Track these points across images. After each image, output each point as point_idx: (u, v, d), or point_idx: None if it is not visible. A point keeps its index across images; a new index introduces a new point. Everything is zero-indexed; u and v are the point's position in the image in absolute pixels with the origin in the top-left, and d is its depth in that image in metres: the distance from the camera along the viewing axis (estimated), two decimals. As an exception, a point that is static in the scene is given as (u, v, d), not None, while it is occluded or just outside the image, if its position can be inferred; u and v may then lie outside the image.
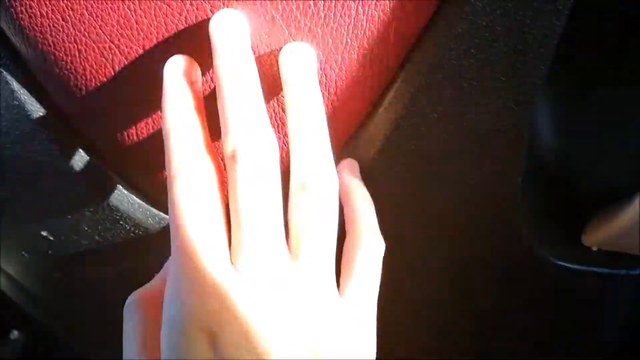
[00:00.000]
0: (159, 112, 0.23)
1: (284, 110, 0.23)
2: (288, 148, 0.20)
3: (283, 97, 0.22)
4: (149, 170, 0.25)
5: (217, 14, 0.20)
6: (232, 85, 0.19)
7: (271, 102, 0.23)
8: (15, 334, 0.43)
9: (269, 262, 0.18)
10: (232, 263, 0.19)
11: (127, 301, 0.22)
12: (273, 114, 0.23)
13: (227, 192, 0.19)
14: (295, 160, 0.20)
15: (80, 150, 0.24)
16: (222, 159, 0.20)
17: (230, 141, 0.19)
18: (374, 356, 0.20)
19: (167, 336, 0.18)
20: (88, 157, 0.24)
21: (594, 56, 0.26)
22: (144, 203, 0.26)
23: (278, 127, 0.23)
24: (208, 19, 0.21)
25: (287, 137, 0.20)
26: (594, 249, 0.30)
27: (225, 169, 0.19)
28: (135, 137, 0.23)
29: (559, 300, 0.31)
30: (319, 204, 0.19)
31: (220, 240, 0.19)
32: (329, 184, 0.19)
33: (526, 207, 0.28)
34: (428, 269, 0.28)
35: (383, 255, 0.22)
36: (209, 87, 0.22)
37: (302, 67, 0.21)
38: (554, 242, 0.29)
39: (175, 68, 0.20)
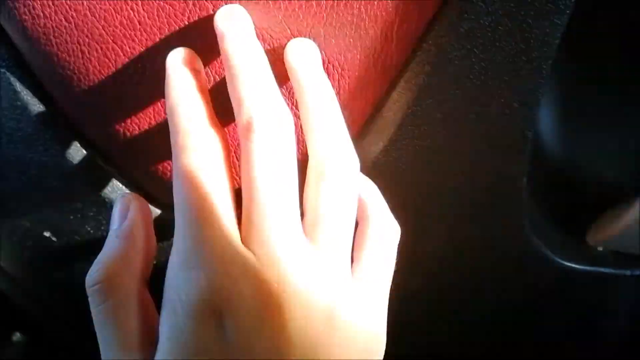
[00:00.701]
0: (164, 112, 0.23)
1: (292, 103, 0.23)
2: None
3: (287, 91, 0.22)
4: (152, 171, 0.25)
5: (221, 8, 0.20)
6: (244, 59, 0.19)
7: None
8: (17, 335, 0.43)
9: (284, 241, 0.17)
10: (243, 241, 0.18)
11: (91, 282, 0.19)
12: None
13: (239, 169, 0.18)
14: (314, 143, 0.19)
15: (84, 151, 0.24)
16: (225, 141, 0.19)
17: (246, 111, 0.18)
18: (384, 344, 0.20)
19: (171, 319, 0.17)
20: (91, 158, 0.24)
21: (597, 55, 0.26)
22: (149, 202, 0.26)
23: None
24: (211, 19, 0.21)
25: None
26: (599, 248, 0.30)
27: (228, 152, 0.19)
28: (138, 138, 0.24)
29: (563, 300, 0.31)
30: (341, 188, 0.18)
31: (230, 215, 0.18)
32: (351, 166, 0.19)
33: (531, 206, 0.27)
34: (431, 268, 0.28)
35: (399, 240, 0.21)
36: (211, 83, 0.22)
37: (310, 56, 0.21)
38: (558, 242, 0.29)
39: (179, 56, 0.20)
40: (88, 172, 0.25)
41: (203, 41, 0.21)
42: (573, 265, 0.29)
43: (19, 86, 0.23)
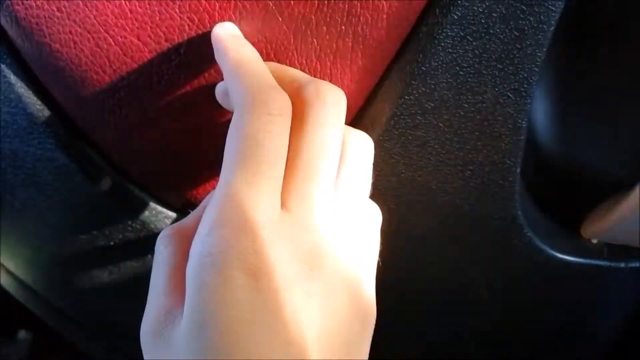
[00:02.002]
0: (155, 101, 0.22)
1: None
2: None
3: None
4: (147, 162, 0.24)
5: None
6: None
7: None
8: (22, 333, 0.43)
9: (323, 207, 0.18)
10: (282, 203, 0.18)
11: (160, 234, 0.21)
12: None
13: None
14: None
15: (78, 142, 0.24)
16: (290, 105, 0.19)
17: (312, 82, 0.19)
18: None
19: (199, 273, 0.16)
20: (85, 150, 0.24)
21: (592, 44, 0.25)
22: (143, 195, 0.25)
23: None
24: (202, 7, 0.20)
25: None
26: (594, 241, 0.29)
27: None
28: (131, 128, 0.23)
29: (557, 292, 0.30)
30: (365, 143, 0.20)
31: (279, 180, 0.18)
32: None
33: (525, 198, 0.27)
34: (425, 259, 0.27)
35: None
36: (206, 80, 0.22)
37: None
38: (553, 234, 0.29)
39: (227, 27, 0.20)
40: (82, 165, 0.24)
41: (195, 30, 0.20)
42: (567, 258, 0.28)
43: (13, 79, 0.22)
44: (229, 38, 0.20)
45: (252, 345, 0.16)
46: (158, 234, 0.27)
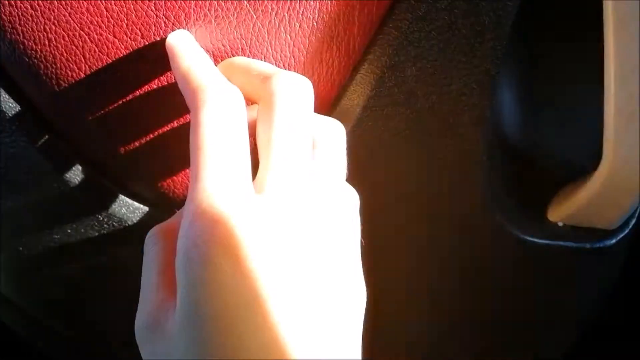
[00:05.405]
0: (130, 97, 0.24)
1: None
2: None
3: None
4: (123, 158, 0.25)
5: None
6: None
7: None
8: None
9: (298, 189, 0.19)
10: (257, 189, 0.19)
11: (148, 234, 0.22)
12: None
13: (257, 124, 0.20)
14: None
15: (51, 140, 0.25)
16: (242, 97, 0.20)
17: (276, 72, 0.20)
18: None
19: (186, 267, 0.18)
20: (59, 147, 0.25)
21: (553, 35, 0.28)
22: (118, 191, 0.26)
23: None
24: (178, 4, 0.22)
25: None
26: (560, 224, 0.32)
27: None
28: (107, 125, 0.24)
29: (528, 275, 0.33)
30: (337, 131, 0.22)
31: (247, 165, 0.19)
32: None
33: (493, 184, 0.29)
34: (395, 245, 0.30)
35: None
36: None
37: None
38: (521, 218, 0.31)
39: (179, 34, 0.22)
40: (56, 163, 0.25)
41: (172, 26, 0.22)
42: (535, 240, 0.31)
43: (-17, 77, 0.23)
44: (179, 46, 0.22)
45: (244, 329, 0.17)
46: (134, 229, 0.28)
